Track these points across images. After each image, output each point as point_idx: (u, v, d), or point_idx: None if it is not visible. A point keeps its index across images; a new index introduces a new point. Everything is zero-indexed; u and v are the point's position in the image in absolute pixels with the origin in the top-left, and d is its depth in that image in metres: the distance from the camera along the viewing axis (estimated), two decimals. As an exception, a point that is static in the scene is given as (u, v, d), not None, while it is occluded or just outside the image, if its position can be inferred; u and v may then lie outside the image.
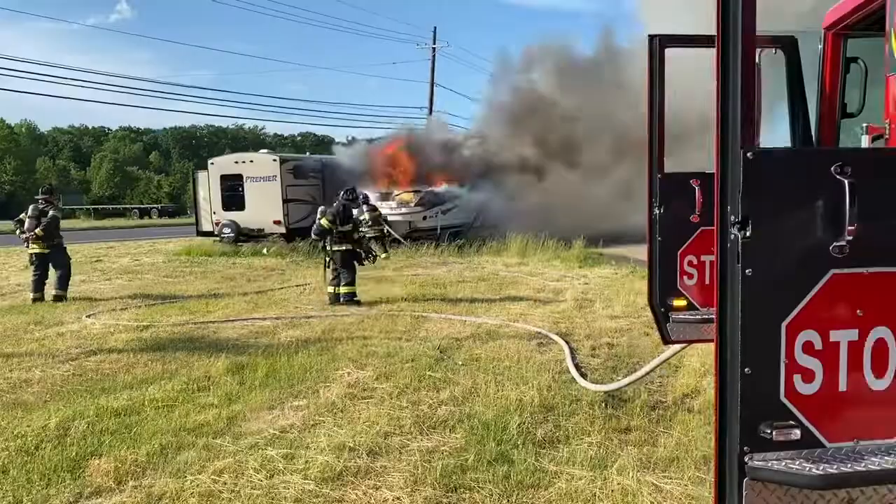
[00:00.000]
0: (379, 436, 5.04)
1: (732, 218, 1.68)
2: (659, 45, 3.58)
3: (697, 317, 3.74)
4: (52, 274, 12.06)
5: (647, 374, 5.96)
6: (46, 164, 75.25)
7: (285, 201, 20.14)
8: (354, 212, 17.71)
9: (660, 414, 5.57)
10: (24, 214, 12.16)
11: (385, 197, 20.68)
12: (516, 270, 15.42)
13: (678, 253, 3.71)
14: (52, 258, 12.02)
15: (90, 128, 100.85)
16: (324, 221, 11.11)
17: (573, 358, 7.32)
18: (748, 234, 1.66)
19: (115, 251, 21.83)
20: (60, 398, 6.20)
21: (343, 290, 11.07)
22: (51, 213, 11.97)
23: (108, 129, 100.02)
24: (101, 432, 5.21)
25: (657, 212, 3.69)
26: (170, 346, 8.19)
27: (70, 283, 12.37)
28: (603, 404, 5.77)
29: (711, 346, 6.05)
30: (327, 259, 11.42)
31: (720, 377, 1.75)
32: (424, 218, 20.46)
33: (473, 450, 4.70)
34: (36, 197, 12.47)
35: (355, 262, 11.32)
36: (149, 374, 6.99)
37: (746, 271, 1.68)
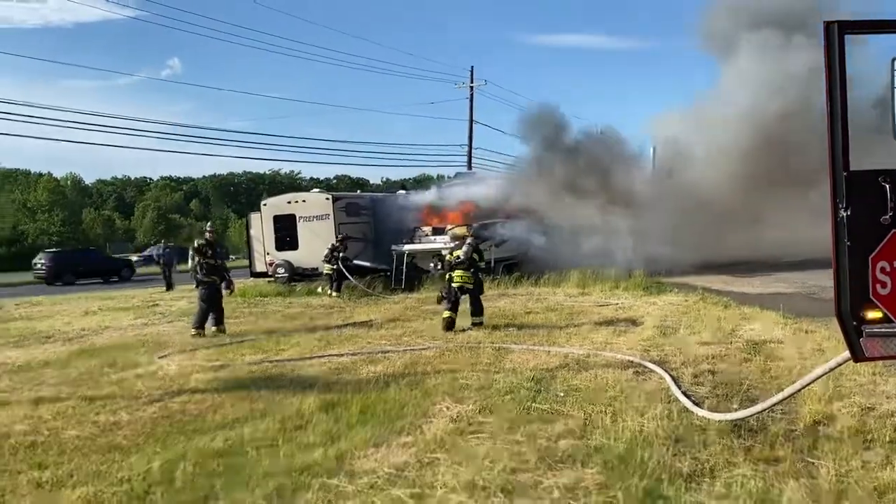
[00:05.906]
0: (506, 472, 4.68)
1: None
2: (838, 31, 3.27)
3: (897, 330, 3.33)
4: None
5: (785, 399, 5.49)
6: (92, 215, 76.88)
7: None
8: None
9: (802, 443, 5.12)
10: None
11: (438, 231, 20.37)
12: (581, 300, 14.97)
13: (870, 258, 3.32)
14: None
15: (132, 178, 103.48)
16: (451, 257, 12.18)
17: (678, 386, 6.88)
18: None
19: (170, 295, 21.88)
20: (154, 440, 5.97)
21: (477, 318, 11.71)
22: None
23: (150, 179, 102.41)
24: (209, 475, 4.94)
25: (843, 214, 3.31)
26: (252, 385, 7.95)
27: (144, 323, 12.50)
28: (731, 434, 5.35)
29: (838, 370, 5.41)
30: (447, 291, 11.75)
31: None
32: (478, 251, 20.06)
33: (618, 486, 4.31)
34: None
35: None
36: (238, 413, 6.74)
37: None
